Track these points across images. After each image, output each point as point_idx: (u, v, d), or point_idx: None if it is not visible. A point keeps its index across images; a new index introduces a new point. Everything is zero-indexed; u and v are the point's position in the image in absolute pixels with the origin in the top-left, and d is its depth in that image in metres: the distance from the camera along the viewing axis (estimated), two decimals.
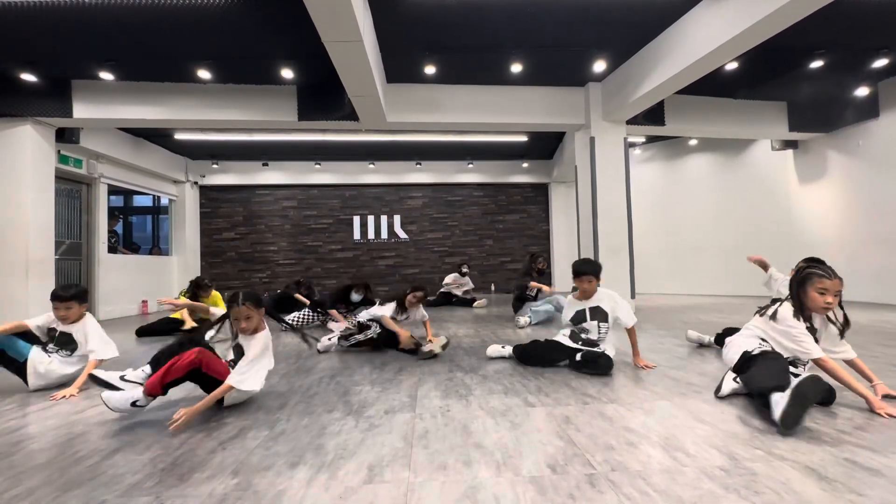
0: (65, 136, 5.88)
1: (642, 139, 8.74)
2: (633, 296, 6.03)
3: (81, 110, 5.39)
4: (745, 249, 7.90)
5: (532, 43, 4.92)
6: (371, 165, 9.58)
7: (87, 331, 2.77)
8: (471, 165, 9.76)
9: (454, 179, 9.92)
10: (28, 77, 5.08)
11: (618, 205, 6.01)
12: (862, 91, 6.19)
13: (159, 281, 8.34)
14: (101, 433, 1.96)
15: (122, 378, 2.47)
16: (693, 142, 8.66)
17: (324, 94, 5.65)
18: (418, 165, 9.61)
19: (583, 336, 2.93)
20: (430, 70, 5.40)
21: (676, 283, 8.77)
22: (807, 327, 2.12)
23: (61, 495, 1.41)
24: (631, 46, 5.08)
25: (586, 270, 2.93)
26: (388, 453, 1.66)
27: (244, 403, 2.31)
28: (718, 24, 3.95)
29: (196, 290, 4.88)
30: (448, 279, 7.61)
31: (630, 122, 6.11)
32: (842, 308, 2.15)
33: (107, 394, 2.09)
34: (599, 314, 2.90)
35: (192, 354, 2.10)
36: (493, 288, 9.91)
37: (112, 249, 7.37)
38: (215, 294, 5.08)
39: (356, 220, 9.80)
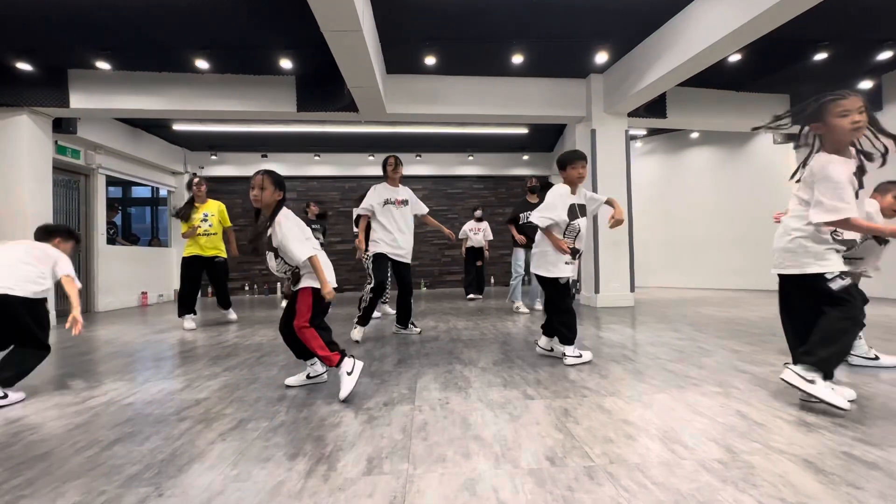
0: (62, 126, 5.83)
1: (643, 132, 8.70)
2: (632, 289, 6.04)
3: (78, 100, 5.34)
4: (745, 243, 7.95)
5: (533, 34, 4.87)
6: (371, 157, 9.52)
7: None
8: (471, 158, 9.71)
9: (454, 172, 9.87)
10: (23, 66, 5.02)
11: (618, 198, 5.95)
12: (865, 84, 6.15)
13: (159, 272, 8.33)
14: (101, 424, 1.96)
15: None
16: (694, 135, 8.62)
17: (323, 85, 5.60)
18: (418, 157, 9.55)
19: (574, 245, 2.85)
20: (430, 61, 5.35)
21: (676, 277, 8.77)
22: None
23: (61, 486, 1.42)
24: (633, 37, 5.03)
25: (580, 156, 2.87)
26: (387, 445, 1.67)
27: (243, 393, 2.32)
28: (721, 16, 3.90)
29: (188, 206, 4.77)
30: (466, 228, 7.47)
31: (631, 114, 6.07)
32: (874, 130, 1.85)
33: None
34: (584, 211, 2.91)
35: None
36: (492, 281, 9.92)
37: (111, 241, 7.35)
38: (212, 204, 4.87)
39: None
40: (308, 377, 2.49)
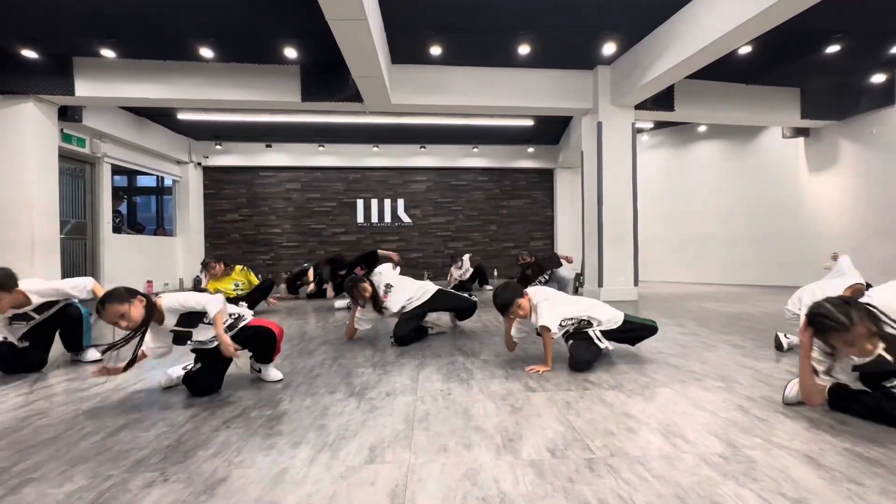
0: (68, 114, 5.84)
1: (650, 125, 8.59)
2: (636, 283, 6.02)
3: (84, 88, 5.34)
4: (751, 239, 7.90)
5: (540, 24, 4.81)
6: (375, 148, 9.49)
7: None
8: (476, 150, 9.65)
9: (459, 164, 9.83)
10: (29, 53, 5.01)
11: (623, 191, 5.95)
12: (878, 77, 6.04)
13: (164, 261, 8.39)
14: (108, 410, 1.99)
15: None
16: (702, 128, 8.52)
17: (328, 75, 5.57)
18: (422, 149, 9.51)
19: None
20: (435, 51, 5.30)
21: (681, 272, 8.73)
22: None
23: (68, 470, 1.44)
24: (641, 28, 4.96)
25: (508, 300, 2.53)
26: (389, 434, 1.68)
27: (248, 382, 2.34)
28: (732, 7, 3.83)
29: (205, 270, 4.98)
30: (454, 273, 7.58)
31: (638, 106, 6.00)
32: None
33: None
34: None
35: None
36: (495, 274, 9.91)
37: (117, 229, 7.40)
38: (237, 272, 5.08)
39: (360, 203, 9.76)
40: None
